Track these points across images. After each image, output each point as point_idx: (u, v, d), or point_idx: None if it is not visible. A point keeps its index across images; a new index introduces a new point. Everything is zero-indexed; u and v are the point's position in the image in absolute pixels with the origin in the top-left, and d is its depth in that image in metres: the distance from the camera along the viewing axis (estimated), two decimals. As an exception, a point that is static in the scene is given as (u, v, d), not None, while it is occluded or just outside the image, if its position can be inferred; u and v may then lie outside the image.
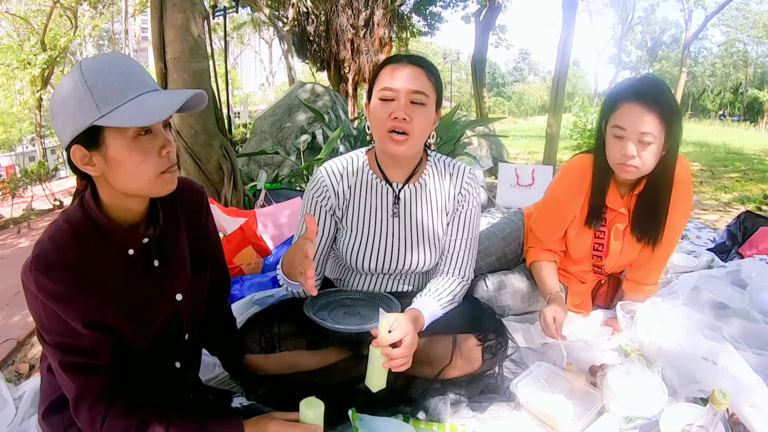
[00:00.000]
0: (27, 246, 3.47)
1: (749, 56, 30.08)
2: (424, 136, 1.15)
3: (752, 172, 5.60)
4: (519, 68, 52.13)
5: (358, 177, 1.24)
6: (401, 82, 1.09)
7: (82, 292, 0.79)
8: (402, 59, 1.14)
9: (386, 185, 1.24)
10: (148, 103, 0.75)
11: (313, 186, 1.23)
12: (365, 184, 1.23)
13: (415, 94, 1.09)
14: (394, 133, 1.11)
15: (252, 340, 1.20)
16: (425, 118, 1.12)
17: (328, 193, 1.21)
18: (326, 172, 1.22)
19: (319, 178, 1.22)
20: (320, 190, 1.21)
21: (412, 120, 1.09)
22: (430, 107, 1.13)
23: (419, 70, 1.11)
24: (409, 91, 1.09)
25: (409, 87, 1.09)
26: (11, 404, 1.30)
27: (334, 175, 1.22)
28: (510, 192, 3.61)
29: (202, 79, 2.69)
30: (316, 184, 1.22)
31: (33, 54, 12.01)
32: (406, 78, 1.10)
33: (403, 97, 1.09)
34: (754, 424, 1.06)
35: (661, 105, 1.26)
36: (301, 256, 0.92)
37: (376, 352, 1.00)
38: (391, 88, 1.10)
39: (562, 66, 4.40)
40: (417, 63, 1.13)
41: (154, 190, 0.81)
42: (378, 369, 1.01)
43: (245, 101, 18.22)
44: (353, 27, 9.56)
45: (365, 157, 1.25)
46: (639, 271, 1.57)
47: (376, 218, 1.24)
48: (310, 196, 1.23)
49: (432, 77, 1.12)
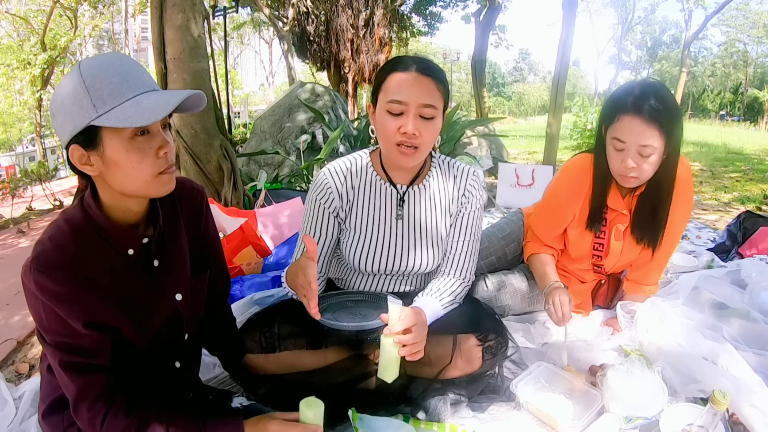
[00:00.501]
0: (27, 246, 3.48)
1: (749, 56, 30.10)
2: (432, 145, 1.14)
3: (752, 172, 5.60)
4: (519, 68, 52.15)
5: (362, 178, 1.23)
6: (410, 95, 1.05)
7: (81, 291, 0.79)
8: (410, 66, 1.08)
9: (390, 187, 1.23)
10: (144, 103, 0.74)
11: (316, 188, 1.21)
12: (369, 185, 1.23)
13: (425, 108, 1.06)
14: (403, 147, 1.09)
15: (252, 340, 1.20)
16: (434, 131, 1.10)
17: (331, 195, 1.20)
18: (329, 173, 1.21)
19: (322, 179, 1.21)
20: (323, 191, 1.20)
21: (421, 135, 1.07)
22: (439, 118, 1.10)
23: (428, 81, 1.07)
24: (418, 106, 1.06)
25: (419, 102, 1.05)
26: (11, 404, 1.29)
27: (338, 176, 1.21)
28: (510, 192, 3.61)
29: (202, 79, 2.69)
30: (320, 185, 1.20)
31: (33, 54, 12.02)
32: (416, 91, 1.06)
33: (413, 111, 1.06)
34: (754, 424, 1.06)
35: (660, 117, 1.23)
36: (303, 278, 0.92)
37: (387, 342, 0.99)
38: (399, 101, 1.06)
39: (562, 66, 4.40)
40: (426, 72, 1.07)
41: (151, 190, 0.81)
42: (391, 359, 0.99)
43: (245, 101, 18.22)
44: (353, 27, 9.56)
45: (369, 159, 1.24)
46: (639, 271, 1.57)
47: (379, 220, 1.23)
48: (313, 199, 1.21)
49: (441, 86, 1.09)
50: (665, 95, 1.26)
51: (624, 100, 1.27)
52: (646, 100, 1.24)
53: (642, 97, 1.25)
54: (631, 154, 1.27)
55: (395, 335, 0.97)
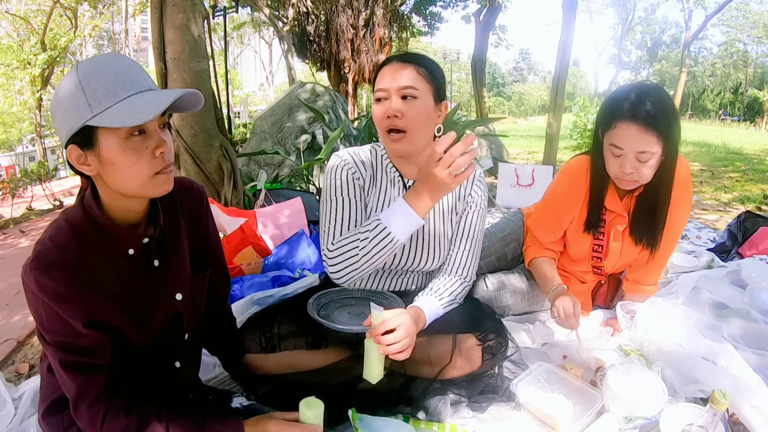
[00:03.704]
0: (27, 246, 3.48)
1: (749, 56, 30.10)
2: (424, 131, 1.14)
3: (752, 172, 5.60)
4: (519, 68, 52.13)
5: (380, 166, 1.25)
6: (391, 81, 1.12)
7: (82, 291, 0.79)
8: (393, 59, 1.16)
9: (400, 180, 1.24)
10: (138, 103, 0.74)
11: (340, 162, 1.20)
12: (386, 174, 1.25)
13: (404, 89, 1.11)
14: (391, 133, 1.13)
15: (252, 339, 1.20)
16: (419, 111, 1.12)
17: (357, 173, 1.21)
18: (349, 154, 1.22)
19: (344, 157, 1.21)
20: (350, 165, 1.20)
21: (405, 115, 1.10)
22: (424, 99, 1.12)
23: (407, 66, 1.12)
24: (398, 88, 1.11)
25: (397, 84, 1.11)
26: (11, 404, 1.29)
27: (360, 158, 1.23)
28: (510, 192, 3.61)
29: (202, 79, 2.69)
30: (345, 161, 1.20)
31: (33, 54, 12.00)
32: (395, 77, 1.12)
33: (394, 95, 1.12)
34: (754, 424, 1.06)
35: (658, 122, 1.22)
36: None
37: (369, 343, 1.02)
38: (382, 88, 1.13)
39: (562, 66, 4.40)
40: (405, 59, 1.14)
41: (148, 190, 0.81)
42: (373, 359, 1.02)
43: (245, 101, 18.21)
44: (353, 27, 9.56)
45: (383, 150, 1.26)
46: (639, 271, 1.57)
47: None
48: (341, 171, 1.19)
49: (422, 70, 1.13)
50: (662, 98, 1.25)
51: (620, 106, 1.26)
52: (642, 106, 1.23)
53: (638, 102, 1.24)
54: (628, 160, 1.27)
55: (375, 337, 1.00)
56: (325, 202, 1.21)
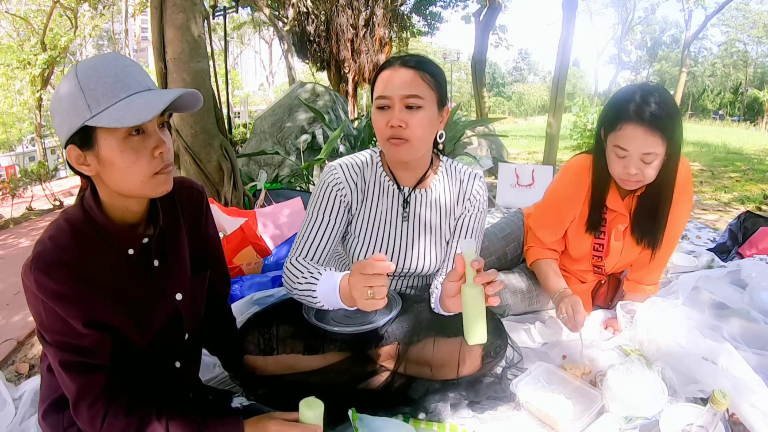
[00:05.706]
0: (27, 246, 3.48)
1: (749, 56, 30.12)
2: (425, 139, 1.13)
3: (752, 172, 5.60)
4: (519, 68, 52.13)
5: (372, 177, 1.23)
6: (394, 88, 1.07)
7: (82, 291, 0.79)
8: (395, 62, 1.10)
9: (396, 188, 1.23)
10: (136, 103, 0.74)
11: (330, 178, 1.18)
12: (378, 184, 1.23)
13: (409, 99, 1.07)
14: (393, 140, 1.10)
15: (251, 341, 1.19)
16: (423, 121, 1.09)
17: (347, 188, 1.19)
18: (341, 167, 1.20)
19: (334, 172, 1.19)
20: (341, 182, 1.18)
21: (408, 126, 1.07)
22: (429, 109, 1.09)
23: (411, 72, 1.08)
24: (402, 97, 1.07)
25: (402, 93, 1.06)
26: (11, 404, 1.29)
27: (352, 170, 1.20)
28: (510, 192, 3.61)
29: (202, 79, 2.69)
30: (335, 177, 1.18)
31: (33, 54, 12.01)
32: (399, 83, 1.07)
33: (397, 104, 1.07)
34: (754, 423, 1.06)
35: (663, 124, 1.22)
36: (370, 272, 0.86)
37: (468, 291, 0.87)
38: (384, 95, 1.08)
39: (562, 66, 4.40)
40: (409, 65, 1.09)
41: (147, 190, 0.81)
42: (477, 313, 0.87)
43: (245, 101, 18.22)
44: (353, 27, 9.56)
45: (379, 158, 1.24)
46: (639, 271, 1.57)
47: (385, 220, 1.23)
48: (329, 189, 1.18)
49: (427, 76, 1.09)
50: (666, 99, 1.26)
51: (625, 107, 1.26)
52: (648, 107, 1.23)
53: (643, 104, 1.24)
54: (633, 161, 1.27)
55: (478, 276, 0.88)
56: (308, 212, 1.20)
